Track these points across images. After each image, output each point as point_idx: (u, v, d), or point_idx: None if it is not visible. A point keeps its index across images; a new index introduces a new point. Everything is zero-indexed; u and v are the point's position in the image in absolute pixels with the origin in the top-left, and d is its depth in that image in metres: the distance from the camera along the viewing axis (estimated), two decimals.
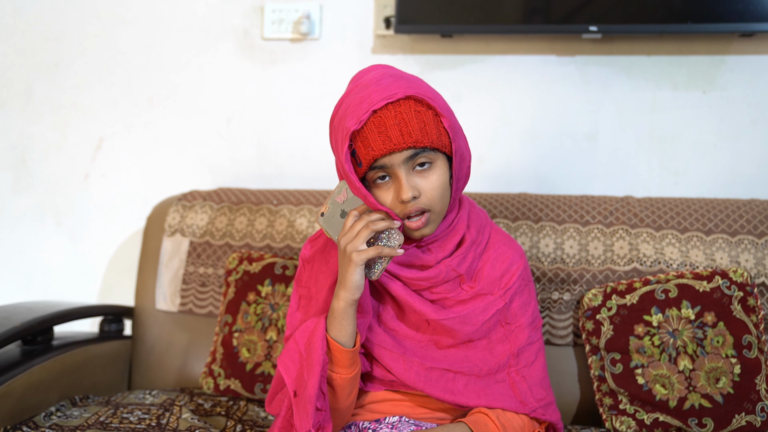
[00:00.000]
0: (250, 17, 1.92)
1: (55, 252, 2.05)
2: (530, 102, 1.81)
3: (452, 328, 1.09)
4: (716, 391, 1.30)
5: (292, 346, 1.06)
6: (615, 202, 1.55)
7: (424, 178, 1.00)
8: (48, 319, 1.47)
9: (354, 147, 0.99)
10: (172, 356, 1.63)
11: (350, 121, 0.97)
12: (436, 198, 1.01)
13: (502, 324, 1.13)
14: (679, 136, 1.75)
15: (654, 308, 1.36)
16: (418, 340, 1.11)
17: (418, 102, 0.98)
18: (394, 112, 0.96)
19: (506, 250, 1.15)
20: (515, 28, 1.72)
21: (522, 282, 1.16)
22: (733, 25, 1.61)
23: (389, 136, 0.96)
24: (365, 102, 0.97)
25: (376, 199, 1.02)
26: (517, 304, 1.14)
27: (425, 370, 1.09)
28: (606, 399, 1.36)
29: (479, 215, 1.16)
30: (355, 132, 0.97)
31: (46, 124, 2.03)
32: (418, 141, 0.97)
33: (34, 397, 1.37)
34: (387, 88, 0.98)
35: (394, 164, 0.98)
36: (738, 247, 1.44)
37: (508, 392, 1.11)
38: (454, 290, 1.11)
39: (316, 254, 1.16)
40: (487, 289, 1.12)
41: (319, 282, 1.14)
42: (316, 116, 1.90)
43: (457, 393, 1.09)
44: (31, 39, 2.02)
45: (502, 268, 1.14)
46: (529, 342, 1.14)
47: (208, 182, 1.95)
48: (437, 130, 0.99)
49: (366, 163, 0.99)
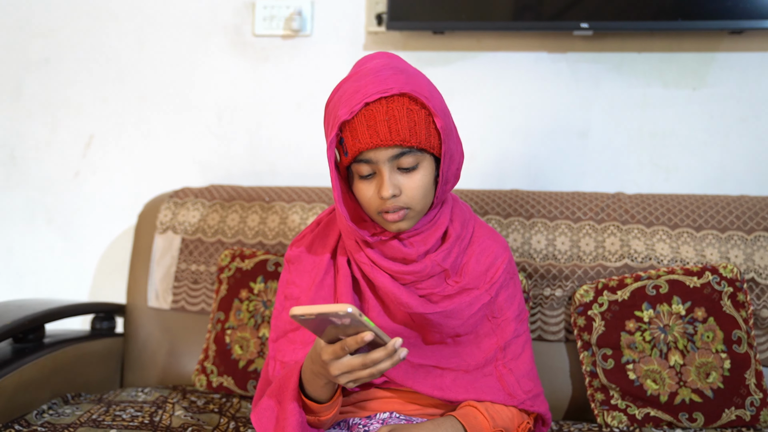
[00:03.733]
0: (242, 14, 1.91)
1: (45, 250, 2.04)
2: (522, 99, 1.81)
3: (438, 322, 1.09)
4: (706, 386, 1.31)
5: (266, 406, 1.04)
6: (606, 199, 1.56)
7: (408, 178, 1.00)
8: (39, 317, 1.46)
9: (342, 135, 0.99)
10: (164, 354, 1.63)
11: (342, 110, 0.97)
12: (417, 198, 1.01)
13: (489, 318, 1.13)
14: (670, 133, 1.76)
15: (645, 304, 1.37)
16: (406, 336, 1.11)
17: (413, 100, 0.97)
18: (386, 107, 0.96)
19: (491, 244, 1.15)
20: (507, 24, 1.73)
21: (507, 275, 1.15)
22: (723, 23, 1.62)
23: (377, 131, 0.96)
24: (360, 93, 0.97)
25: (357, 191, 1.02)
26: (503, 298, 1.14)
27: (413, 368, 1.10)
28: (597, 394, 1.37)
29: (462, 209, 1.16)
30: (345, 121, 0.98)
31: (36, 121, 2.02)
32: (405, 140, 0.97)
33: (25, 396, 1.36)
34: (384, 81, 0.97)
35: (379, 160, 0.98)
36: (728, 243, 1.45)
37: (495, 385, 1.11)
38: (439, 285, 1.11)
39: (301, 254, 1.16)
40: (472, 283, 1.12)
41: (303, 283, 1.14)
42: (308, 113, 1.90)
43: (445, 389, 1.09)
44: (20, 35, 2.01)
45: (487, 262, 1.13)
46: (516, 335, 1.14)
47: (200, 179, 1.95)
48: (427, 130, 0.99)
49: (352, 155, 0.99)
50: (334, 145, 1.00)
